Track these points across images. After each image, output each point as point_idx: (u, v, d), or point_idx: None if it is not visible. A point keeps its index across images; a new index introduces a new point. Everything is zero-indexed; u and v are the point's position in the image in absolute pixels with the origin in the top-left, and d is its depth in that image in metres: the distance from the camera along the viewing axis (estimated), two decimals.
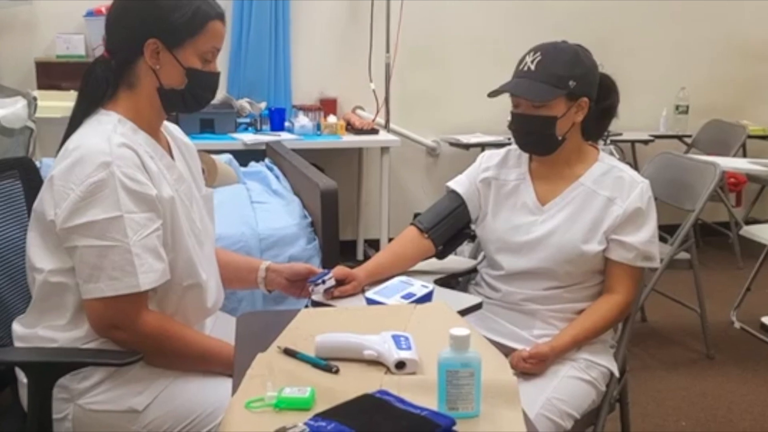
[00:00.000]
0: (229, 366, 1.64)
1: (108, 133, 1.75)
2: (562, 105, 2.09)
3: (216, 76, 1.91)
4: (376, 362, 1.48)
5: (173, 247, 1.81)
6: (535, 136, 2.14)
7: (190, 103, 1.90)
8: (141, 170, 1.75)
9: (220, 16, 1.86)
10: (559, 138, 2.12)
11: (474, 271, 2.41)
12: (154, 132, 1.89)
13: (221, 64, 1.92)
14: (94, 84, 1.84)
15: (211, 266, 1.98)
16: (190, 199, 1.92)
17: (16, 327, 1.87)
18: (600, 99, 2.16)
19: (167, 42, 1.80)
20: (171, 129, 2.03)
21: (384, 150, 4.86)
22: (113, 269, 1.69)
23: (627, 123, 5.01)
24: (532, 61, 2.09)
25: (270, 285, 2.21)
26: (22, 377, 1.80)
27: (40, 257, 1.79)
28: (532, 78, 2.08)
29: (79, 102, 1.86)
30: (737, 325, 4.01)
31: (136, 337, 1.76)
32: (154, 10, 1.80)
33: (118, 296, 1.70)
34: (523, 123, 2.13)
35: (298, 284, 2.16)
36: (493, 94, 2.14)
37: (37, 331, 1.81)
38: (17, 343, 1.85)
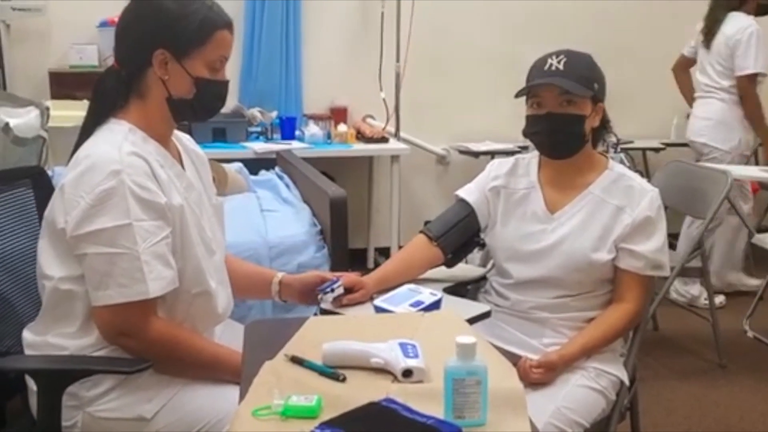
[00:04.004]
0: (237, 374, 1.65)
1: (118, 142, 1.76)
2: (588, 106, 2.10)
3: (225, 84, 1.91)
4: (383, 370, 1.48)
5: (182, 254, 1.82)
6: (564, 135, 2.12)
7: (200, 112, 1.91)
8: (151, 178, 1.76)
9: (228, 25, 1.86)
10: (585, 138, 2.12)
11: (483, 279, 2.41)
12: (165, 141, 1.90)
13: (232, 73, 1.94)
14: (105, 94, 1.86)
15: (220, 274, 1.99)
16: (200, 207, 1.93)
17: (27, 334, 1.88)
18: None
19: (175, 52, 1.81)
20: (182, 138, 2.04)
21: (394, 158, 4.88)
22: (122, 276, 1.70)
23: (638, 131, 5.03)
24: (558, 62, 2.08)
25: (284, 296, 2.22)
26: (32, 385, 1.81)
27: (50, 265, 1.80)
28: (563, 76, 2.07)
29: (90, 112, 1.88)
30: (750, 334, 3.99)
31: (145, 344, 1.77)
32: (162, 21, 1.81)
33: (127, 303, 1.71)
34: (551, 122, 2.10)
35: (311, 293, 2.16)
36: (520, 93, 2.13)
37: (47, 338, 1.82)
38: (27, 351, 1.86)
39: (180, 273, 1.80)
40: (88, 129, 1.84)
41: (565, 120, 2.10)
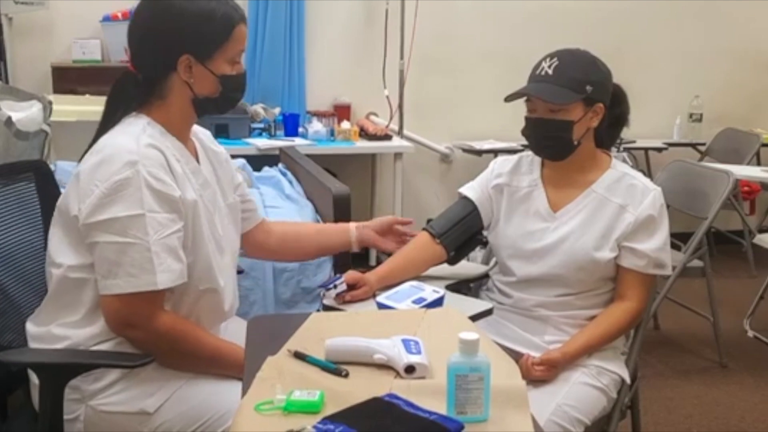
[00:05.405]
0: (241, 369, 1.65)
1: (137, 134, 1.78)
2: (578, 109, 2.09)
3: (244, 75, 1.93)
4: (385, 366, 1.49)
5: (193, 250, 1.82)
6: (551, 140, 2.14)
7: (223, 106, 1.93)
8: (166, 171, 1.77)
9: (243, 19, 1.88)
10: (575, 143, 2.12)
11: (486, 277, 2.41)
12: (183, 137, 1.92)
13: None
14: (123, 98, 1.87)
15: (229, 273, 1.99)
16: (213, 204, 1.93)
17: (30, 327, 1.88)
18: (611, 107, 2.16)
19: (199, 56, 1.82)
20: (201, 135, 2.05)
21: (397, 156, 4.89)
22: (132, 266, 1.71)
23: (640, 130, 5.02)
24: (549, 66, 2.09)
25: (361, 242, 2.32)
26: (34, 378, 1.81)
27: (60, 252, 1.81)
28: (550, 82, 2.08)
29: (107, 112, 1.88)
30: (750, 333, 3.99)
31: (150, 336, 1.77)
32: (184, 28, 1.81)
33: (134, 294, 1.72)
34: (539, 127, 2.13)
35: (388, 232, 2.30)
36: (510, 98, 2.14)
37: (51, 328, 1.83)
38: (31, 343, 1.87)
39: (189, 268, 1.81)
40: (105, 127, 1.85)
41: (551, 126, 2.10)
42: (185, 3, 1.82)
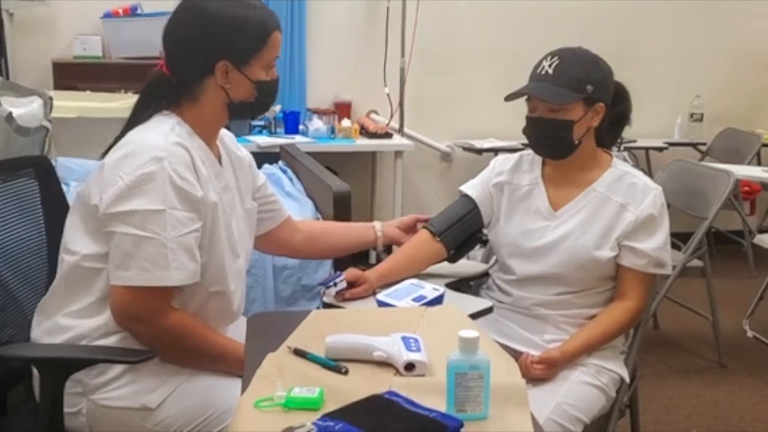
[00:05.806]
0: (243, 366, 1.65)
1: (165, 132, 1.79)
2: (579, 109, 2.09)
3: (277, 81, 1.95)
4: (385, 364, 1.49)
5: (208, 251, 1.83)
6: (551, 140, 2.14)
7: (257, 111, 1.97)
8: (191, 171, 1.78)
9: (278, 25, 1.90)
10: (575, 142, 2.12)
11: (486, 275, 2.41)
12: (210, 140, 1.93)
13: None
14: (155, 97, 1.88)
15: (240, 277, 2.00)
16: (232, 209, 1.94)
17: (36, 320, 1.89)
18: (612, 105, 2.16)
19: (236, 62, 1.84)
20: (225, 139, 2.06)
21: (398, 154, 4.89)
22: (145, 260, 1.72)
23: (641, 130, 5.00)
24: (549, 65, 2.09)
25: (387, 239, 2.40)
26: (36, 371, 1.82)
27: (76, 240, 1.82)
28: (550, 82, 2.07)
29: (137, 110, 1.89)
30: (750, 333, 3.99)
31: (155, 331, 1.78)
32: (223, 34, 1.82)
33: (144, 288, 1.72)
34: (539, 126, 2.13)
35: (411, 233, 2.38)
36: (510, 98, 2.14)
37: (58, 319, 1.84)
38: (41, 336, 1.87)
39: (202, 269, 1.81)
40: (134, 122, 1.86)
41: (552, 125, 2.10)
42: (224, 9, 1.83)
